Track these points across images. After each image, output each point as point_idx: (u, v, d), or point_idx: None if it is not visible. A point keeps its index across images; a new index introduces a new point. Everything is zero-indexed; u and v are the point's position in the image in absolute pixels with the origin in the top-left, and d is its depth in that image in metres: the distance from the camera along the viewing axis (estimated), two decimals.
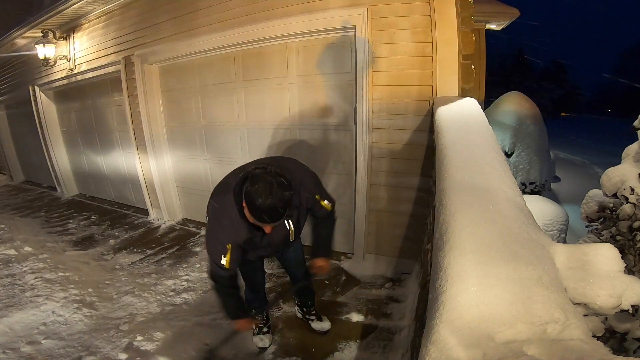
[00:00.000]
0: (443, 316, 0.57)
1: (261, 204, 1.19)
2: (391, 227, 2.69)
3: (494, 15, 5.31)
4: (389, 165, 2.58)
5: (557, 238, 3.76)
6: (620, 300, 0.64)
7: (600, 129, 19.56)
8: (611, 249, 0.69)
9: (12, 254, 3.15)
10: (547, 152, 5.79)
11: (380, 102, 2.48)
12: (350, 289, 2.53)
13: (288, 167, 1.43)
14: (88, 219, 4.51)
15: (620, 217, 2.07)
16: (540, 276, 0.60)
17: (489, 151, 1.19)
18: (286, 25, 2.63)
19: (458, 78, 2.24)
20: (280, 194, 1.19)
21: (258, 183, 1.20)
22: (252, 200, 1.20)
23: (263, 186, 1.19)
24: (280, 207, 1.21)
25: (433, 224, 1.18)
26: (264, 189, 1.19)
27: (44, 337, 2.14)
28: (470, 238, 0.71)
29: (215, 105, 3.45)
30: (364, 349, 1.98)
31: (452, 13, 2.16)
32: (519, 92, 5.95)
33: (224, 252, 1.41)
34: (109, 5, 3.77)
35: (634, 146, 2.16)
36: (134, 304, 2.51)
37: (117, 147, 4.71)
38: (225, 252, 1.41)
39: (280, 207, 1.21)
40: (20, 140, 6.90)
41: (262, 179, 1.20)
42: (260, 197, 1.18)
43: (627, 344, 1.58)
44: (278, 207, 1.20)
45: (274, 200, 1.18)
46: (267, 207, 1.19)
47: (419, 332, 1.26)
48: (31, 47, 4.72)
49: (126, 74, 3.81)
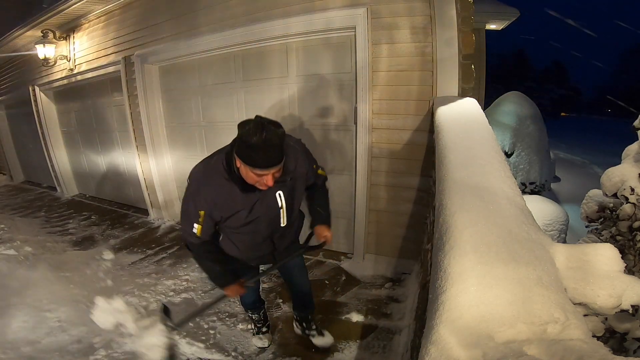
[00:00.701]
0: (443, 316, 0.57)
1: (256, 141, 1.12)
2: (391, 227, 2.69)
3: (494, 15, 5.31)
4: (389, 165, 2.58)
5: (557, 238, 3.77)
6: (620, 300, 0.64)
7: (600, 129, 19.57)
8: (611, 249, 0.69)
9: (12, 254, 3.15)
10: (547, 152, 5.79)
11: (380, 102, 2.48)
12: (350, 289, 2.53)
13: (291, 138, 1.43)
14: (88, 219, 4.51)
15: (620, 217, 2.07)
16: (540, 276, 0.60)
17: (489, 151, 1.19)
18: (286, 25, 2.63)
19: (458, 78, 2.24)
20: (274, 131, 1.14)
21: (249, 124, 1.14)
22: (245, 141, 1.14)
23: (255, 125, 1.13)
24: (276, 143, 1.15)
25: (433, 224, 1.18)
26: (256, 127, 1.13)
27: (43, 337, 2.14)
28: (470, 238, 0.71)
29: (215, 105, 3.45)
30: (364, 349, 1.98)
31: (452, 13, 2.16)
32: (519, 92, 5.95)
33: (196, 219, 1.34)
34: (109, 5, 3.77)
35: (634, 146, 2.16)
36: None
37: (117, 147, 4.71)
38: (197, 219, 1.34)
39: (276, 142, 1.15)
40: (20, 140, 6.90)
41: (252, 122, 1.15)
42: (254, 134, 1.11)
43: (627, 344, 1.58)
44: (273, 144, 1.14)
45: (268, 134, 1.12)
46: (261, 142, 1.12)
47: (419, 332, 1.26)
48: (31, 47, 4.72)
49: (126, 74, 3.81)
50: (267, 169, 1.19)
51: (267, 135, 1.12)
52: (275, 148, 1.16)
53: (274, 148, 1.16)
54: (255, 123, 1.15)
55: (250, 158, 1.16)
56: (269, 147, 1.14)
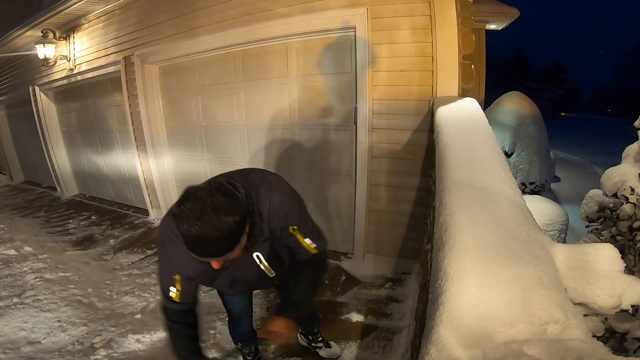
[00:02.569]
0: (443, 316, 0.57)
1: (186, 232, 0.86)
2: (391, 227, 2.69)
3: (494, 15, 5.31)
4: (389, 165, 2.58)
5: (557, 238, 3.77)
6: (620, 300, 0.64)
7: (600, 129, 19.56)
8: (611, 249, 0.69)
9: (12, 254, 3.15)
10: (547, 152, 5.79)
11: (380, 102, 2.48)
12: (350, 289, 2.53)
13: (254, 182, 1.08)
14: (88, 219, 4.51)
15: (620, 217, 2.07)
16: (540, 276, 0.60)
17: (489, 151, 1.19)
18: (286, 25, 2.63)
19: (458, 78, 2.24)
20: (214, 220, 0.85)
21: (186, 202, 0.87)
22: (178, 225, 0.88)
23: (191, 207, 0.86)
24: (215, 239, 0.86)
25: (433, 224, 1.18)
26: (191, 211, 0.85)
27: (43, 337, 2.14)
28: (470, 238, 0.71)
29: (215, 105, 3.45)
30: (364, 349, 1.98)
31: (452, 13, 2.16)
32: (519, 92, 5.96)
33: (172, 282, 1.13)
34: (109, 5, 3.77)
35: (634, 146, 2.16)
36: (134, 303, 2.51)
37: (117, 147, 4.71)
38: (174, 283, 1.13)
39: (215, 238, 0.86)
40: (20, 140, 6.90)
41: (193, 197, 0.87)
42: (186, 222, 0.85)
43: (627, 344, 1.58)
44: (210, 238, 0.86)
45: (203, 227, 0.84)
46: (192, 236, 0.86)
47: (419, 332, 1.26)
48: (31, 47, 4.72)
49: (126, 74, 3.81)
50: (203, 258, 0.93)
51: (202, 229, 0.84)
52: (213, 244, 0.87)
53: (211, 244, 0.87)
54: (193, 204, 0.86)
55: (184, 241, 0.90)
56: (203, 243, 0.87)
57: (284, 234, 1.13)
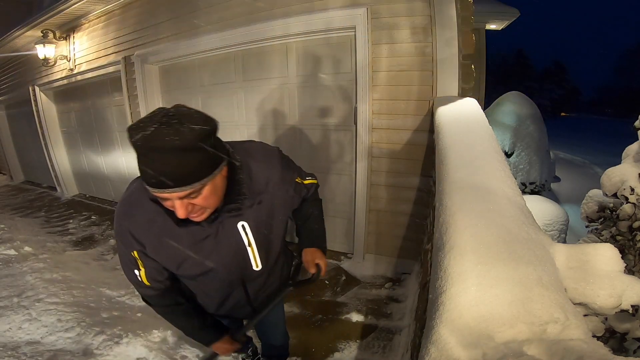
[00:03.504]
0: (443, 316, 0.57)
1: (139, 139, 0.66)
2: (391, 227, 2.69)
3: (494, 15, 5.32)
4: (389, 165, 2.58)
5: (557, 238, 3.77)
6: (620, 300, 0.64)
7: (600, 129, 19.57)
8: (611, 249, 0.69)
9: (12, 254, 3.15)
10: (547, 152, 5.79)
11: (380, 102, 2.48)
12: (350, 289, 2.53)
13: (245, 148, 0.95)
14: (88, 219, 4.51)
15: (620, 217, 2.07)
16: (540, 276, 0.60)
17: (489, 151, 1.19)
18: (286, 25, 2.63)
19: (458, 78, 2.24)
20: (177, 126, 0.66)
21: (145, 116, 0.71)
22: (131, 136, 0.68)
23: (150, 115, 0.70)
24: (177, 149, 0.66)
25: (433, 224, 1.18)
26: (150, 117, 0.69)
27: (43, 337, 2.14)
28: (470, 238, 0.71)
29: (215, 105, 3.45)
30: (364, 349, 1.98)
31: (452, 13, 2.16)
32: (519, 92, 5.97)
33: (133, 262, 0.93)
34: (109, 5, 3.77)
35: (634, 146, 2.16)
36: (134, 303, 2.51)
37: (117, 147, 4.71)
38: (135, 263, 0.93)
39: (177, 147, 0.66)
40: (20, 140, 6.91)
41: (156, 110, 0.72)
42: (142, 128, 0.66)
43: (627, 344, 1.58)
44: (170, 147, 0.65)
45: (163, 131, 0.65)
46: (147, 143, 0.66)
47: (419, 332, 1.26)
48: (31, 47, 4.72)
49: (126, 74, 3.81)
50: (159, 189, 0.70)
51: (162, 132, 0.65)
52: (174, 155, 0.67)
53: (173, 155, 0.67)
54: (155, 112, 0.71)
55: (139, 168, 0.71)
56: (160, 152, 0.66)
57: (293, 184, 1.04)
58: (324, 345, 2.02)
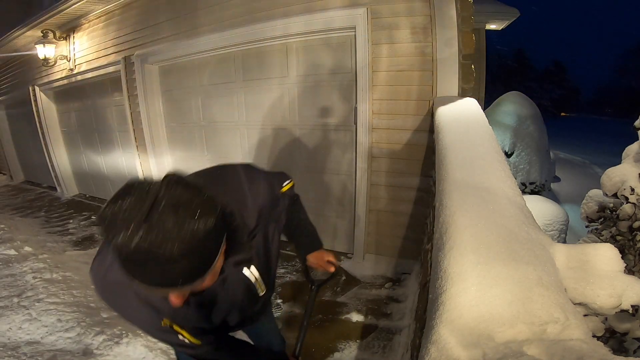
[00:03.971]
0: (443, 316, 0.57)
1: (123, 245, 0.51)
2: (391, 227, 2.69)
3: (494, 15, 5.32)
4: (389, 165, 2.58)
5: (557, 238, 3.77)
6: (620, 300, 0.64)
7: (600, 129, 19.57)
8: (611, 249, 0.69)
9: (12, 254, 3.15)
10: (547, 152, 5.79)
11: (380, 102, 2.48)
12: (350, 289, 2.53)
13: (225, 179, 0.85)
14: (88, 219, 4.51)
15: (620, 217, 2.07)
16: (540, 276, 0.60)
17: (489, 151, 1.19)
18: (286, 25, 2.63)
19: (458, 78, 2.24)
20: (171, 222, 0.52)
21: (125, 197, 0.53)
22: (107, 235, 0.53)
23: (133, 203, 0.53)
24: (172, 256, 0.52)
25: (433, 224, 1.18)
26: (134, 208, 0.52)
27: (43, 337, 2.14)
28: (470, 238, 0.71)
29: (215, 105, 3.45)
30: (364, 349, 1.98)
31: (452, 13, 2.16)
32: (519, 92, 5.97)
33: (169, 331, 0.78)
34: (109, 5, 3.77)
35: (634, 146, 2.16)
36: None
37: (117, 147, 4.72)
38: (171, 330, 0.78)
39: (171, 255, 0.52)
40: (20, 140, 6.90)
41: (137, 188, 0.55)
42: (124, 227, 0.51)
43: (627, 344, 1.58)
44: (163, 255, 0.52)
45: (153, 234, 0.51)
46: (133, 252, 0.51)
47: (419, 332, 1.26)
48: (31, 47, 4.72)
49: (126, 74, 3.81)
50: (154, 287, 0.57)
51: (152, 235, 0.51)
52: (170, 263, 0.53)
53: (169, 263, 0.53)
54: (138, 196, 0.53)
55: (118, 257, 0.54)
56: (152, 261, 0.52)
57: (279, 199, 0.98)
58: (324, 345, 2.02)
